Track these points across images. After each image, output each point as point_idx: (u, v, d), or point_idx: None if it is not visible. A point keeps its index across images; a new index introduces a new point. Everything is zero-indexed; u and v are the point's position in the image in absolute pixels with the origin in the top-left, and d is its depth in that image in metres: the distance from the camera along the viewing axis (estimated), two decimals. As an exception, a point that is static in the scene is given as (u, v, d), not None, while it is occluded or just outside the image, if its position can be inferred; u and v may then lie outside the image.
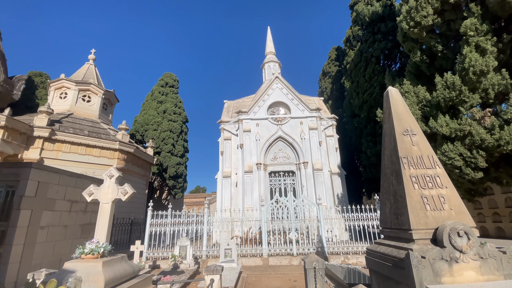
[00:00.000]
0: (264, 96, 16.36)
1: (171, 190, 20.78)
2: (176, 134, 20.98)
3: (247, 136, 15.22)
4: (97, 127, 13.74)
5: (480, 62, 6.78)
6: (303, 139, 15.13)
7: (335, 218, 10.43)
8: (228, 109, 18.47)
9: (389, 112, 3.83)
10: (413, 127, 3.60)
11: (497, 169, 7.17)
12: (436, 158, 3.41)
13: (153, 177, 20.12)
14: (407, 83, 9.12)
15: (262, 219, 9.95)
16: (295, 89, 16.74)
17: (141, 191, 15.12)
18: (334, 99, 24.88)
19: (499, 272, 2.81)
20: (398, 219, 3.25)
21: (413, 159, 3.36)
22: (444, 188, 3.22)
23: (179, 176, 20.77)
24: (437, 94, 7.88)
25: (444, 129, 7.48)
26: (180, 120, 21.78)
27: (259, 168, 14.54)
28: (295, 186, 14.85)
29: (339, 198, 14.59)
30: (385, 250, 3.34)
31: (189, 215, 10.51)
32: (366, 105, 16.24)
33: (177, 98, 22.90)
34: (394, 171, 3.45)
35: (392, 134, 3.64)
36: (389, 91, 3.94)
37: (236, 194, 14.72)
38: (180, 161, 20.71)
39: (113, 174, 4.46)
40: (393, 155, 3.54)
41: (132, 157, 14.13)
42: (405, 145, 3.46)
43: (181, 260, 8.20)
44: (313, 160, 14.64)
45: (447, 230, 2.85)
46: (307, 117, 15.71)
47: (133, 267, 4.25)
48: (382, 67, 15.82)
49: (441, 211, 3.08)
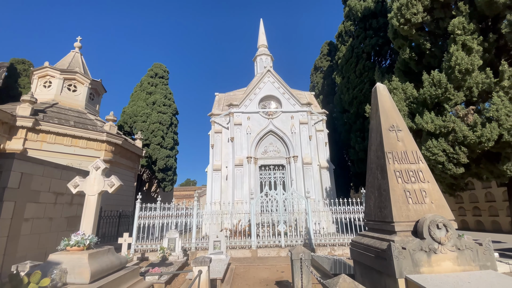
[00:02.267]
0: (256, 89, 16.30)
1: (160, 183, 20.62)
2: (166, 126, 20.70)
3: (238, 130, 15.18)
4: (83, 118, 13.37)
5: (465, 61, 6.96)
6: (293, 133, 15.22)
7: (323, 211, 10.64)
8: (219, 102, 18.31)
9: (376, 108, 3.90)
10: (399, 123, 3.69)
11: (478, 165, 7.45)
12: (419, 154, 3.51)
13: (142, 170, 19.88)
14: (395, 80, 9.27)
15: (251, 211, 10.03)
16: (286, 83, 16.78)
17: (129, 183, 14.93)
18: (325, 94, 25.04)
19: (475, 263, 2.95)
20: (382, 212, 3.35)
21: (398, 154, 3.45)
22: (426, 183, 3.33)
23: (169, 169, 20.59)
24: (423, 91, 8.06)
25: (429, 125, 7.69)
26: (170, 112, 21.46)
27: (249, 162, 14.58)
28: (285, 180, 15.00)
29: (327, 192, 14.86)
30: (369, 242, 3.45)
31: (179, 208, 10.47)
32: (356, 101, 16.43)
33: (167, 89, 22.51)
34: (379, 165, 3.54)
35: (378, 130, 3.72)
36: (377, 87, 4.01)
37: (226, 187, 14.75)
38: (169, 153, 20.51)
39: (99, 165, 4.38)
40: (378, 150, 3.62)
41: (120, 149, 13.88)
42: (391, 140, 3.54)
43: (169, 252, 8.21)
44: (303, 154, 14.79)
45: (427, 222, 2.97)
46: (298, 112, 15.77)
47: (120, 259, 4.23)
48: (373, 63, 15.99)
49: (422, 205, 3.20)
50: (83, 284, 3.37)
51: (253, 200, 10.29)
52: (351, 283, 2.49)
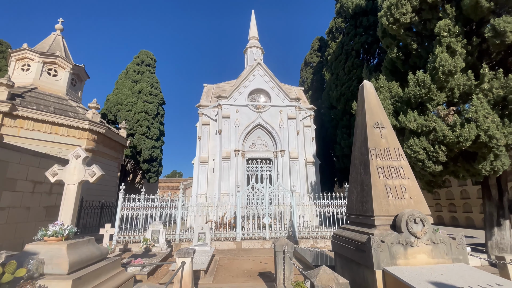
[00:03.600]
0: (245, 82, 16.17)
1: (145, 174, 20.28)
2: (152, 116, 20.26)
3: (226, 122, 15.08)
4: (64, 104, 12.83)
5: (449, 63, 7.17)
6: (281, 127, 15.29)
7: (307, 204, 10.85)
8: (208, 93, 18.06)
9: (362, 105, 3.96)
10: (383, 120, 3.77)
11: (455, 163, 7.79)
12: (401, 151, 3.61)
13: (126, 160, 19.44)
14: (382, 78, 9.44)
15: (237, 204, 10.08)
16: (276, 77, 16.72)
17: (112, 173, 14.59)
18: (314, 90, 25.22)
19: (448, 256, 3.11)
20: (363, 206, 3.45)
21: (381, 151, 3.54)
22: (406, 179, 3.44)
23: (154, 160, 20.26)
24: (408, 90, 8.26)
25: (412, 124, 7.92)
26: (156, 101, 20.98)
27: (237, 155, 14.56)
28: (272, 173, 15.12)
29: (312, 186, 15.12)
30: (349, 235, 3.55)
31: (164, 199, 10.35)
32: (343, 98, 16.66)
33: (154, 78, 21.94)
34: (362, 161, 3.62)
35: (363, 126, 3.79)
36: (364, 84, 4.06)
37: (213, 179, 14.71)
38: (155, 144, 20.14)
39: (80, 154, 4.23)
40: (362, 147, 3.70)
41: (103, 138, 13.47)
42: (375, 137, 3.62)
43: (153, 243, 8.13)
44: (290, 149, 14.91)
45: (405, 217, 3.08)
46: (286, 106, 15.82)
47: (101, 250, 4.14)
48: (361, 61, 16.20)
49: (402, 200, 3.31)
50: (61, 275, 3.28)
51: (240, 193, 10.34)
52: (331, 274, 2.56)
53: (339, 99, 17.09)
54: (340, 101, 16.98)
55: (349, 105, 15.90)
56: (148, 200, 10.13)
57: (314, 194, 11.83)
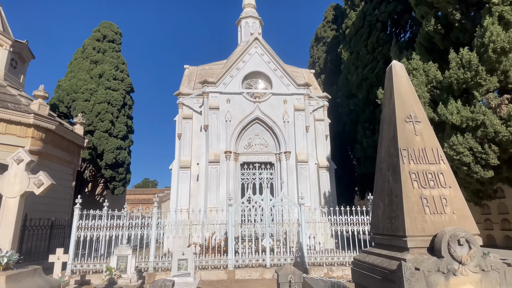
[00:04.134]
0: (239, 63, 16.17)
1: (108, 183, 20.23)
2: (117, 108, 20.21)
3: (214, 115, 15.08)
4: (1, 92, 12.75)
5: (502, 38, 7.23)
6: (286, 122, 15.32)
7: (320, 221, 10.88)
8: (190, 77, 18.02)
9: (390, 92, 3.97)
10: (418, 112, 3.78)
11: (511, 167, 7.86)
12: (441, 152, 3.63)
13: (83, 165, 19.37)
14: (416, 58, 9.50)
15: (229, 222, 10.06)
16: (279, 57, 16.73)
17: (65, 183, 14.54)
18: (328, 73, 25.29)
19: (502, 287, 3.13)
20: (392, 223, 3.46)
21: (414, 151, 3.55)
22: (448, 188, 3.46)
23: (120, 165, 20.21)
24: (449, 73, 8.32)
25: (454, 117, 7.98)
26: (122, 88, 20.92)
27: (228, 158, 14.57)
28: (274, 182, 15.13)
29: (326, 198, 15.17)
30: (375, 261, 3.56)
31: (133, 216, 10.32)
32: (366, 83, 16.72)
33: (119, 58, 21.87)
34: (391, 165, 3.63)
35: (392, 120, 3.80)
36: (392, 66, 4.07)
37: (197, 190, 14.72)
38: (121, 144, 20.09)
39: (22, 158, 4.20)
40: (391, 146, 3.71)
41: (53, 136, 13.41)
42: (407, 134, 3.64)
43: (119, 274, 8.12)
44: (297, 150, 14.96)
45: (446, 237, 3.10)
46: (293, 95, 15.86)
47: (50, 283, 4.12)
48: (389, 36, 16.27)
49: (442, 215, 3.33)
50: (-2, 316, 3.26)
51: (232, 207, 10.32)
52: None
53: (361, 85, 17.16)
54: (362, 88, 17.05)
55: (373, 92, 15.94)
56: (112, 217, 10.10)
57: (328, 208, 11.83)
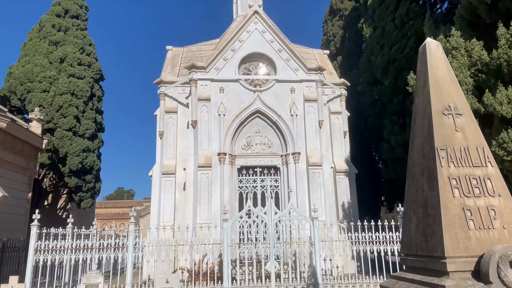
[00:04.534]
0: (235, 42, 16.15)
1: (73, 194, 20.21)
2: (83, 100, 20.20)
3: (205, 108, 15.08)
4: None
5: (562, 8, 7.22)
6: (294, 116, 15.31)
7: (338, 240, 10.87)
8: (174, 61, 18.01)
9: (424, 78, 3.98)
10: (459, 103, 3.79)
11: None
12: (488, 152, 3.63)
13: (41, 172, 19.37)
14: (456, 35, 9.49)
15: (224, 241, 10.04)
16: (285, 35, 16.70)
17: (20, 194, 14.50)
18: (346, 54, 25.27)
19: (563, 318, 3.13)
20: (428, 241, 3.47)
21: (454, 152, 3.55)
22: (497, 197, 3.46)
23: (88, 171, 20.20)
24: (498, 53, 8.31)
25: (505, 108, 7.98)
26: (90, 76, 20.93)
27: (222, 161, 14.57)
28: (279, 190, 15.12)
29: (345, 210, 15.16)
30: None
31: (105, 235, 10.33)
32: (393, 67, 16.70)
33: (85, 38, 21.86)
34: (425, 169, 3.64)
35: (426, 113, 3.80)
36: (427, 45, 4.08)
37: (184, 201, 14.71)
38: (89, 145, 20.09)
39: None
40: (425, 145, 3.71)
41: (3, 136, 13.42)
42: (445, 130, 3.64)
43: (89, 306, 8.14)
44: (308, 151, 14.94)
45: (495, 258, 3.10)
46: (302, 81, 15.84)
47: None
48: (422, 7, 16.24)
49: (490, 231, 3.33)
50: None
51: (228, 223, 10.31)
52: None
53: (387, 68, 17.14)
54: (389, 72, 17.02)
55: (403, 78, 15.92)
56: (79, 237, 10.11)
57: (348, 223, 11.79)
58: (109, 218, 40.46)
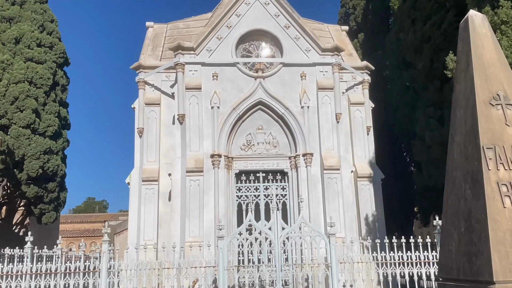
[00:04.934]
0: (231, 17, 16.12)
1: (32, 206, 20.22)
2: (44, 90, 20.19)
3: (194, 99, 15.06)
4: None
5: None
6: (305, 108, 15.29)
7: (360, 261, 10.87)
8: (156, 41, 18.01)
9: (467, 60, 3.98)
10: (510, 91, 3.79)
11: None
12: (546, 151, 3.64)
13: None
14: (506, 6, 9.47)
15: (219, 263, 10.02)
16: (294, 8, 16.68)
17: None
18: (369, 31, 25.19)
19: None
20: (472, 262, 3.48)
21: (505, 151, 3.56)
22: (557, 207, 3.48)
23: (50, 178, 20.21)
24: (558, 29, 8.30)
25: None
26: (52, 60, 20.92)
27: (216, 164, 14.56)
28: (287, 200, 15.12)
29: (368, 224, 15.14)
30: (446, 320, 3.59)
31: (72, 256, 10.31)
32: (428, 46, 16.66)
33: (46, 12, 21.86)
34: (469, 173, 3.64)
35: (469, 104, 3.81)
36: (469, 19, 4.08)
37: (169, 215, 14.68)
38: (52, 146, 20.10)
39: None
40: (468, 144, 3.72)
41: None
42: (493, 125, 3.64)
43: None
44: (323, 151, 14.92)
45: (555, 282, 3.12)
46: (315, 65, 15.81)
47: None
48: (463, -28, 16.23)
49: (549, 249, 3.35)
50: None
51: (224, 242, 10.32)
52: None
53: (420, 48, 17.10)
54: (423, 53, 16.99)
55: (440, 60, 15.87)
56: (40, 259, 10.14)
57: (373, 240, 11.75)
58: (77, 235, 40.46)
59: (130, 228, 15.14)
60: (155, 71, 15.94)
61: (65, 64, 22.49)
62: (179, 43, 15.63)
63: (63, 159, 21.46)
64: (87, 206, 70.60)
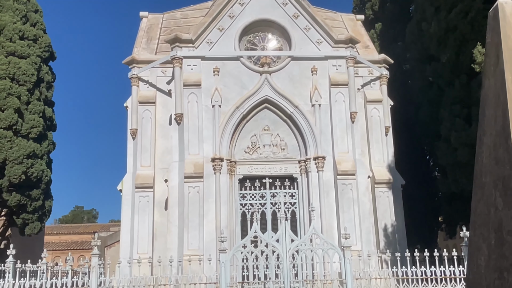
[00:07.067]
0: (234, 5, 16.15)
1: (14, 216, 20.31)
2: (27, 87, 20.28)
3: (193, 97, 15.09)
4: None
5: None
6: (316, 106, 15.29)
7: (379, 277, 10.86)
8: (151, 33, 18.08)
9: (497, 53, 3.97)
10: (545, 86, 3.78)
11: None
12: None
13: (-28, 186, 19.53)
14: (540, -8, 9.43)
15: (221, 280, 10.05)
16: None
17: None
18: (388, 21, 25.18)
19: None
20: (504, 279, 3.46)
21: (540, 154, 3.56)
22: None
23: (34, 185, 20.29)
24: None
25: None
26: (36, 54, 21.02)
27: (218, 169, 14.58)
28: (297, 209, 15.14)
29: (387, 236, 15.09)
30: None
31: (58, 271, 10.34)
32: (453, 37, 16.64)
33: (30, 2, 21.98)
34: (500, 179, 3.63)
35: (500, 101, 3.79)
36: (499, 7, 4.07)
37: (166, 225, 14.72)
38: (36, 149, 20.18)
39: None
40: (499, 146, 3.71)
41: None
42: (526, 124, 3.64)
43: None
44: (336, 154, 14.92)
45: None
46: (327, 59, 15.82)
47: None
48: (492, -46, 16.19)
49: None
50: None
51: (226, 255, 10.34)
52: None
53: (445, 39, 17.08)
54: (447, 45, 16.97)
55: (467, 52, 15.86)
56: (23, 275, 10.20)
57: (392, 253, 11.73)
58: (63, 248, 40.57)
59: (122, 240, 15.16)
60: (149, 66, 15.97)
61: (50, 59, 22.56)
62: (176, 35, 15.66)
63: (49, 163, 21.49)
64: (74, 216, 70.73)
